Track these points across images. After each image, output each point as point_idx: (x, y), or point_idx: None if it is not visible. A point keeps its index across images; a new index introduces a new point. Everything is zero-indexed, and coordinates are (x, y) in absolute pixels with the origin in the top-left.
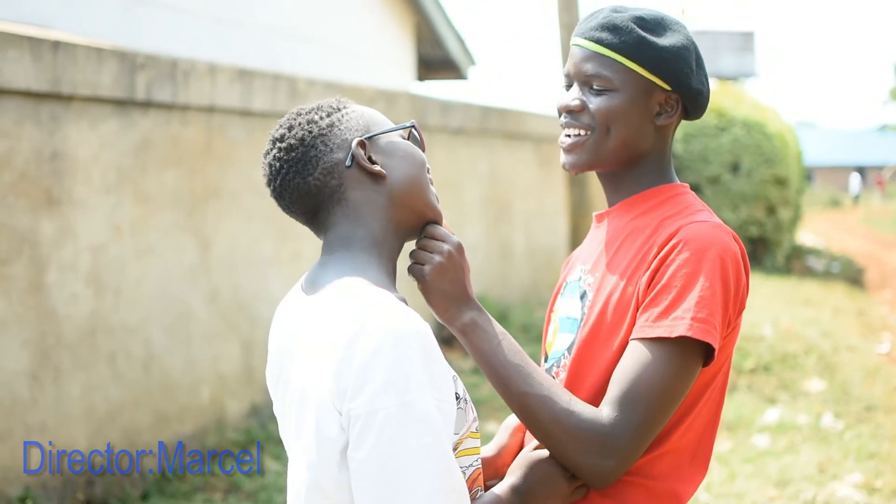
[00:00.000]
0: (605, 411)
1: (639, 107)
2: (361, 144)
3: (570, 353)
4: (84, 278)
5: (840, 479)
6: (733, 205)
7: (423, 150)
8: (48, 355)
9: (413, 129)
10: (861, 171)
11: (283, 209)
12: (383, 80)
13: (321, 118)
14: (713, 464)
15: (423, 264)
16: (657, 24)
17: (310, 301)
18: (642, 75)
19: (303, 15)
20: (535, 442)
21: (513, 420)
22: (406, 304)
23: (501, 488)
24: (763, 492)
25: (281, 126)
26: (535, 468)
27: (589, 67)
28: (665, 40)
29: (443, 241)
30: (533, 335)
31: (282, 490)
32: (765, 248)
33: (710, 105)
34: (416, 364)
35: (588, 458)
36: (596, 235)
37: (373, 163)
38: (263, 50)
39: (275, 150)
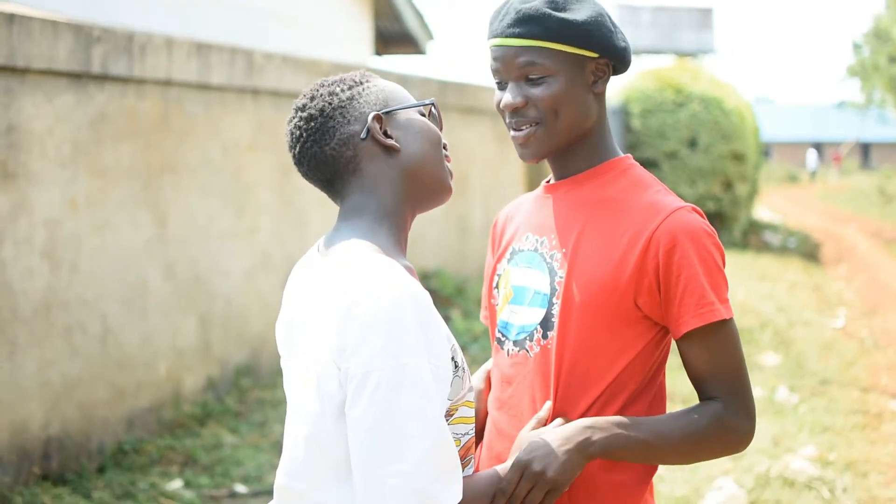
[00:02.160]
0: (723, 398)
1: (577, 83)
2: (378, 118)
3: (548, 329)
4: (39, 253)
5: (794, 452)
6: (690, 180)
7: (441, 128)
8: (3, 330)
9: (432, 107)
10: (818, 147)
11: (303, 175)
12: (341, 54)
13: (342, 90)
14: None
15: (550, 490)
16: (566, 1)
17: (322, 263)
18: (572, 52)
19: None
20: (528, 424)
21: (486, 368)
22: (412, 271)
23: (505, 466)
24: (718, 464)
25: (304, 96)
26: (537, 448)
27: (521, 61)
28: (581, 13)
29: (520, 471)
30: None
31: (238, 463)
32: (721, 224)
33: (667, 81)
34: (412, 328)
35: (739, 443)
36: (546, 205)
37: (388, 136)
38: (221, 24)
39: (296, 119)
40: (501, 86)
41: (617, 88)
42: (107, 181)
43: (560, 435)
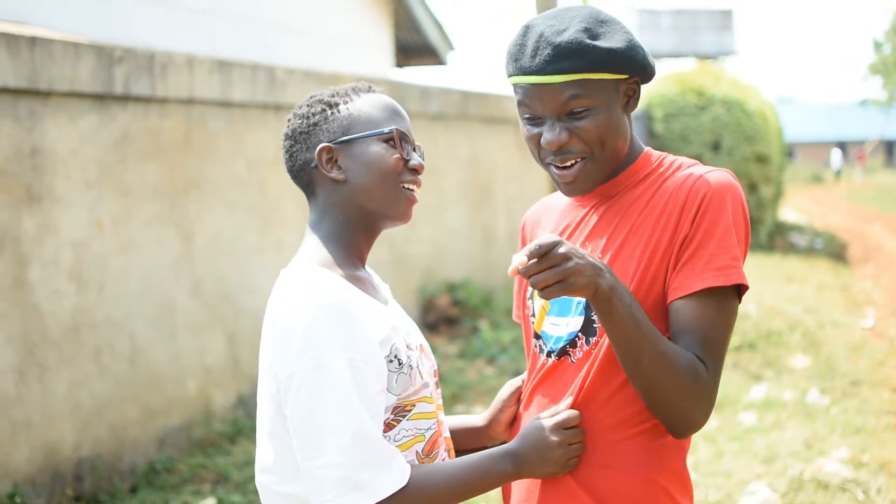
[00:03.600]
0: (702, 361)
1: (616, 108)
2: (328, 150)
3: (590, 336)
4: (66, 274)
5: (827, 455)
6: None
7: (406, 153)
8: (32, 352)
9: (396, 134)
10: (842, 146)
11: None
12: (362, 66)
13: (313, 114)
14: (700, 442)
15: (561, 280)
16: (597, 26)
17: (281, 276)
18: (610, 80)
19: (280, 4)
20: (544, 413)
21: (502, 395)
22: (360, 280)
23: (497, 450)
24: (750, 469)
25: (294, 109)
26: (531, 435)
27: (567, 96)
28: (616, 39)
29: (551, 245)
30: None
31: None
32: None
33: (689, 84)
34: (327, 332)
35: (694, 409)
36: (577, 213)
37: (338, 167)
38: (242, 40)
39: (283, 133)
40: (534, 121)
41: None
42: (132, 201)
43: (588, 255)
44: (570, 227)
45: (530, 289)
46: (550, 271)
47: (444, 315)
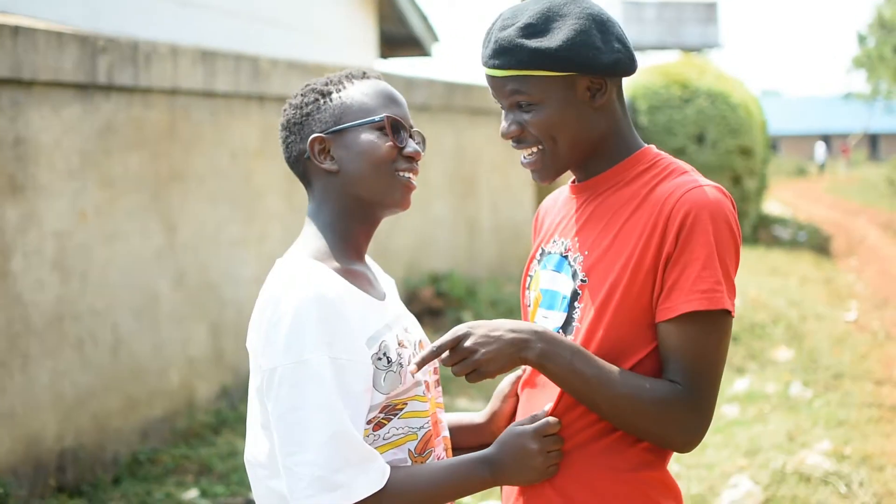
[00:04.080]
0: (684, 386)
1: (570, 104)
2: (320, 140)
3: (568, 333)
4: (50, 264)
5: (809, 447)
6: None
7: (400, 139)
8: (15, 342)
9: (387, 121)
10: (826, 139)
11: None
12: (346, 58)
13: (306, 104)
14: None
15: (471, 370)
16: (545, 22)
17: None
18: (556, 76)
19: None
20: (522, 419)
21: (504, 386)
22: (355, 273)
23: (474, 456)
24: (733, 461)
25: (289, 98)
26: (509, 442)
27: (507, 90)
28: (556, 37)
29: (455, 340)
30: (501, 310)
31: None
32: None
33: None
34: (312, 327)
35: (683, 433)
36: (572, 207)
37: (331, 157)
38: (225, 31)
39: (279, 125)
40: (505, 110)
41: (623, 85)
42: (115, 191)
43: (509, 326)
44: (565, 219)
45: (528, 279)
46: (461, 364)
47: (428, 306)
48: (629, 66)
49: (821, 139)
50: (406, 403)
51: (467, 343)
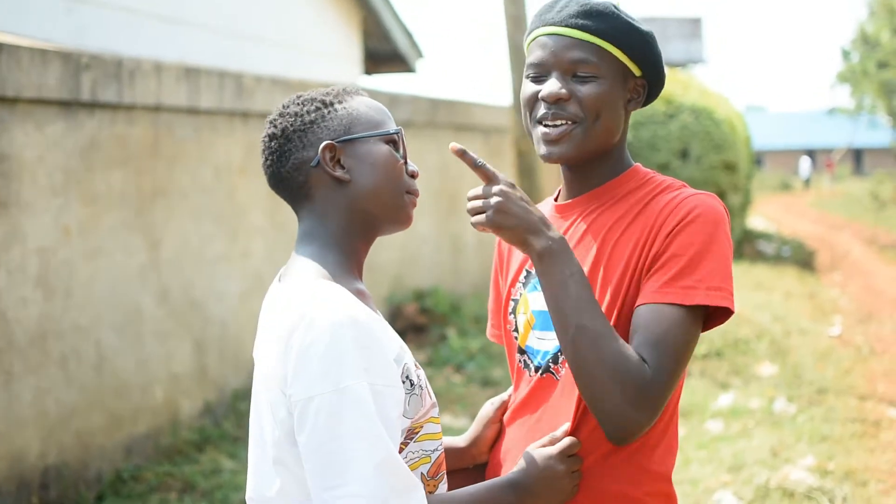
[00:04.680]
0: (645, 362)
1: (619, 93)
2: (331, 147)
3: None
4: (33, 281)
5: (793, 463)
6: None
7: (405, 156)
8: None
9: (396, 136)
10: (811, 153)
11: (270, 187)
12: (331, 74)
13: (308, 112)
14: None
15: (482, 212)
16: (627, 14)
17: (278, 289)
18: (622, 61)
19: (248, 11)
20: (540, 441)
21: (488, 412)
22: (363, 295)
23: (500, 481)
24: (717, 477)
25: (277, 109)
26: (536, 465)
27: (574, 55)
28: (644, 26)
29: (492, 183)
30: (484, 326)
31: (238, 489)
32: None
33: None
34: (349, 352)
35: (625, 405)
36: (559, 225)
37: (341, 166)
38: (209, 47)
39: (264, 134)
40: (538, 80)
41: None
42: (99, 208)
43: (541, 216)
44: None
45: (512, 303)
46: (479, 200)
47: (412, 323)
48: (660, 92)
49: (805, 154)
50: (422, 426)
51: (497, 186)
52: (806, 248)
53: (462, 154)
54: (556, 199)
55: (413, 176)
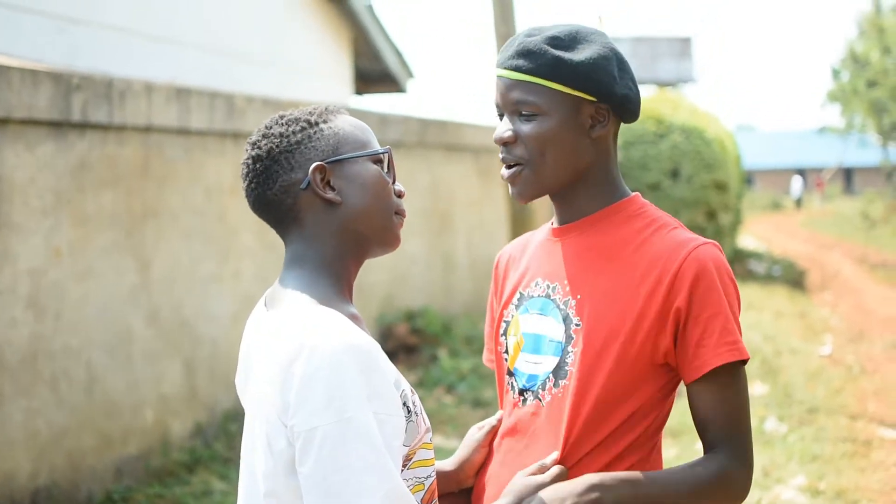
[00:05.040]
0: (730, 450)
1: (570, 125)
2: (321, 169)
3: (560, 378)
4: (23, 302)
5: (784, 483)
6: (674, 211)
7: (394, 177)
8: None
9: (385, 156)
10: (801, 172)
11: (252, 210)
12: (322, 94)
13: (294, 132)
14: None
15: None
16: (571, 40)
17: (267, 316)
18: (566, 93)
19: (239, 32)
20: (528, 469)
21: (478, 436)
22: (357, 319)
23: None
24: None
25: (259, 130)
26: (532, 495)
27: (514, 95)
28: (580, 54)
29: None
30: (476, 347)
31: None
32: None
33: (648, 112)
34: (353, 380)
35: (740, 497)
36: (556, 250)
37: (331, 187)
38: (200, 68)
39: (246, 156)
40: (500, 118)
41: None
42: (89, 229)
43: (568, 489)
44: (548, 262)
45: (504, 325)
46: None
47: (403, 343)
48: (635, 108)
49: (796, 173)
50: (416, 452)
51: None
52: (796, 267)
53: None
54: (552, 224)
55: (400, 196)
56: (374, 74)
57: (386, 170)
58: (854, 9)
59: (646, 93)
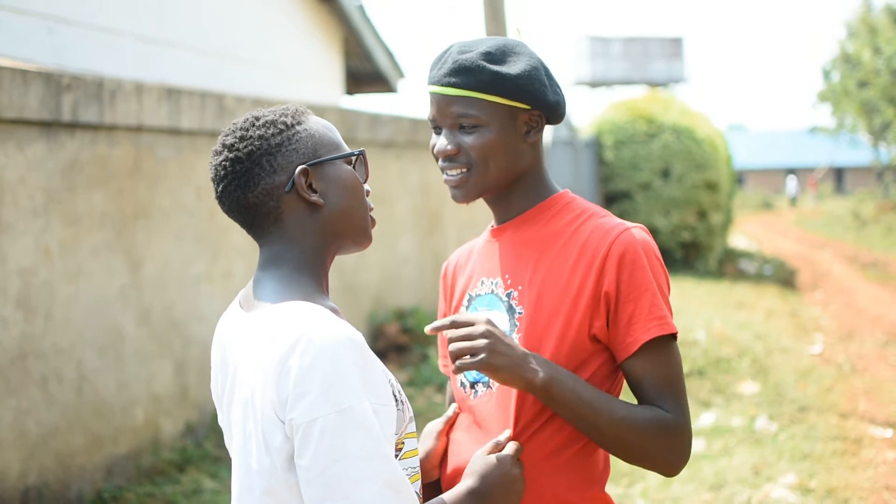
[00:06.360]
0: (669, 410)
1: (509, 133)
2: (305, 172)
3: None
4: (14, 302)
5: (774, 481)
6: (664, 210)
7: (367, 178)
8: None
9: (360, 157)
10: (792, 172)
11: (224, 212)
12: (312, 94)
13: (273, 135)
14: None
15: (473, 355)
16: (503, 54)
17: (247, 317)
18: (504, 104)
19: (229, 32)
20: (485, 447)
21: (438, 425)
22: (338, 313)
23: (459, 491)
24: (698, 495)
25: (234, 133)
26: (493, 471)
27: (455, 109)
28: (514, 67)
29: (473, 324)
30: None
31: None
32: (697, 253)
33: (639, 112)
34: (350, 372)
35: (678, 459)
36: (495, 249)
37: (313, 190)
38: (191, 68)
39: (222, 158)
40: (437, 130)
41: (589, 121)
42: (80, 229)
43: (522, 351)
44: (489, 261)
45: None
46: (466, 342)
47: (394, 342)
48: (563, 111)
49: (788, 173)
50: (404, 443)
51: (482, 328)
52: (787, 266)
53: (436, 329)
54: (492, 226)
55: (368, 194)
56: (364, 74)
57: (354, 168)
58: (844, 9)
59: (637, 93)
